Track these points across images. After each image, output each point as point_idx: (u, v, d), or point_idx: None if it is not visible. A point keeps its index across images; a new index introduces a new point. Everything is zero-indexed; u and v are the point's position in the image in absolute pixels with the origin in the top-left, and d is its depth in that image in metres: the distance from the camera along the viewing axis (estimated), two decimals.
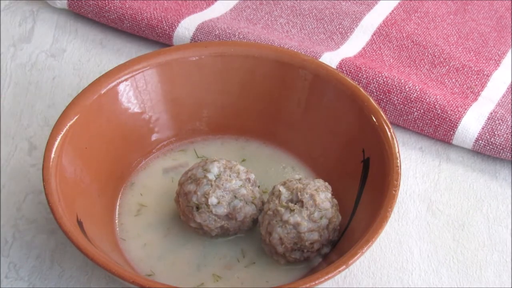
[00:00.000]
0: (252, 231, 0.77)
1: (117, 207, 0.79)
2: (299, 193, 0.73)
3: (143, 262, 0.75)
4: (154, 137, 0.83)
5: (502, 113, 0.87)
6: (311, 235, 0.73)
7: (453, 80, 0.91)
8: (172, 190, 0.79)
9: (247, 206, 0.75)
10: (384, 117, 0.78)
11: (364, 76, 0.89)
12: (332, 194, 0.75)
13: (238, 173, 0.75)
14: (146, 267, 0.75)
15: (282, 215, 0.73)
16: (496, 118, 0.86)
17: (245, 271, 0.75)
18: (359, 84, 0.87)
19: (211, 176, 0.74)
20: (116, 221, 0.78)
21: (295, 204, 0.73)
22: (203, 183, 0.74)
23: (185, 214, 0.75)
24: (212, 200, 0.74)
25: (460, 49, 0.95)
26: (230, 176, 0.75)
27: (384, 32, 0.95)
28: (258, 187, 0.77)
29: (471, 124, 0.86)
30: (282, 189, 0.74)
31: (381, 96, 0.88)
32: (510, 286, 0.77)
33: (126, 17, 0.95)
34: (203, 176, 0.75)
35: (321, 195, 0.73)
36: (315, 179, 0.76)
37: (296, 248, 0.73)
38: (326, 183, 0.76)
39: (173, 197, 0.78)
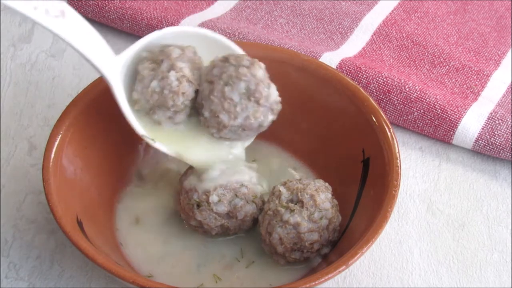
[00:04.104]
0: (252, 230, 0.77)
1: (117, 207, 0.79)
2: (299, 193, 0.73)
3: (142, 263, 0.75)
4: None
5: (502, 113, 0.87)
6: (311, 236, 0.73)
7: (453, 80, 0.91)
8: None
9: (248, 205, 0.75)
10: (384, 117, 0.78)
11: (364, 76, 0.89)
12: (332, 195, 0.75)
13: (241, 171, 0.75)
14: (146, 268, 0.75)
15: (282, 215, 0.73)
16: (496, 118, 0.86)
17: (245, 271, 0.75)
18: (359, 84, 0.87)
19: (212, 174, 0.74)
20: (116, 221, 0.78)
21: (295, 204, 0.73)
22: (205, 180, 0.74)
23: (186, 212, 0.75)
24: (213, 197, 0.74)
25: (460, 49, 0.95)
26: (232, 175, 0.75)
27: (384, 32, 0.95)
28: (262, 186, 0.77)
29: (471, 124, 0.86)
30: (282, 189, 0.74)
31: (381, 96, 0.88)
32: (510, 286, 0.77)
33: (126, 17, 0.95)
34: (204, 173, 0.74)
35: (321, 196, 0.73)
36: (315, 180, 0.76)
37: (296, 248, 0.73)
38: (327, 184, 0.76)
39: (173, 197, 0.78)
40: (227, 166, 0.75)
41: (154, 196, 0.80)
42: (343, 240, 0.75)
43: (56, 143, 0.75)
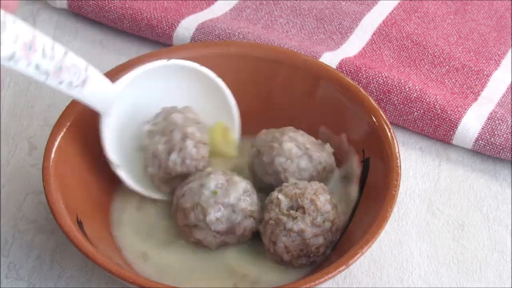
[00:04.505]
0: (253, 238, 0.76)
1: (116, 208, 0.79)
2: (299, 199, 0.73)
3: (140, 269, 0.74)
4: None
5: (502, 113, 0.87)
6: (316, 240, 0.72)
7: (453, 80, 0.91)
8: None
9: (246, 220, 0.74)
10: (384, 117, 0.78)
11: (364, 76, 0.89)
12: (331, 195, 0.75)
13: (235, 186, 0.74)
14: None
15: (285, 224, 0.72)
16: (496, 118, 0.86)
17: (246, 271, 0.75)
18: (359, 84, 0.87)
19: (207, 192, 0.73)
20: (114, 224, 0.78)
21: (297, 211, 0.73)
22: (201, 200, 0.73)
23: (183, 231, 0.75)
24: (211, 217, 0.73)
25: (460, 49, 0.95)
26: (227, 190, 0.74)
27: (384, 32, 0.95)
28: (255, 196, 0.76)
29: (471, 124, 0.86)
30: (280, 196, 0.73)
31: (381, 96, 0.88)
32: (510, 286, 0.77)
33: (126, 17, 0.95)
34: (200, 192, 0.74)
35: (321, 199, 0.73)
36: (311, 182, 0.75)
37: (302, 254, 0.73)
38: (322, 184, 0.75)
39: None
40: (222, 182, 0.74)
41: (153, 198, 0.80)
42: (343, 240, 0.75)
43: (56, 143, 0.75)
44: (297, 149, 0.77)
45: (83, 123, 0.77)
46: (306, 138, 0.78)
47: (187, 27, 0.94)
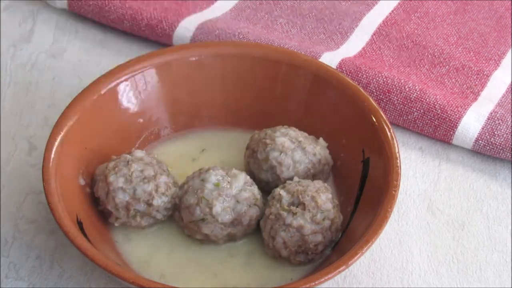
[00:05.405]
0: (256, 232, 0.77)
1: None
2: (300, 196, 0.73)
3: (142, 268, 0.74)
4: (154, 137, 0.83)
5: (502, 113, 0.87)
6: (315, 237, 0.73)
7: (453, 80, 0.91)
8: None
9: (251, 209, 0.74)
10: (384, 117, 0.78)
11: (364, 76, 0.89)
12: (332, 195, 0.75)
13: (236, 177, 0.75)
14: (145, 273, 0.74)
15: (285, 219, 0.72)
16: (496, 118, 0.86)
17: (247, 271, 0.75)
18: (359, 84, 0.87)
19: (210, 186, 0.74)
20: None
21: (297, 207, 0.73)
22: (204, 193, 0.74)
23: (190, 228, 0.75)
24: (217, 209, 0.73)
25: (460, 49, 0.95)
26: (229, 182, 0.74)
27: (384, 32, 0.95)
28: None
29: (471, 124, 0.86)
30: (282, 192, 0.74)
31: (381, 96, 0.88)
32: (510, 286, 0.77)
33: (126, 17, 0.95)
34: (202, 186, 0.74)
35: (322, 197, 0.73)
36: (314, 180, 0.76)
37: (301, 251, 0.73)
38: (326, 184, 0.76)
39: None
40: (222, 175, 0.75)
41: None
42: (343, 240, 0.75)
43: (56, 143, 0.75)
44: (290, 143, 0.77)
45: (83, 123, 0.77)
46: (298, 133, 0.79)
47: (187, 27, 0.94)
